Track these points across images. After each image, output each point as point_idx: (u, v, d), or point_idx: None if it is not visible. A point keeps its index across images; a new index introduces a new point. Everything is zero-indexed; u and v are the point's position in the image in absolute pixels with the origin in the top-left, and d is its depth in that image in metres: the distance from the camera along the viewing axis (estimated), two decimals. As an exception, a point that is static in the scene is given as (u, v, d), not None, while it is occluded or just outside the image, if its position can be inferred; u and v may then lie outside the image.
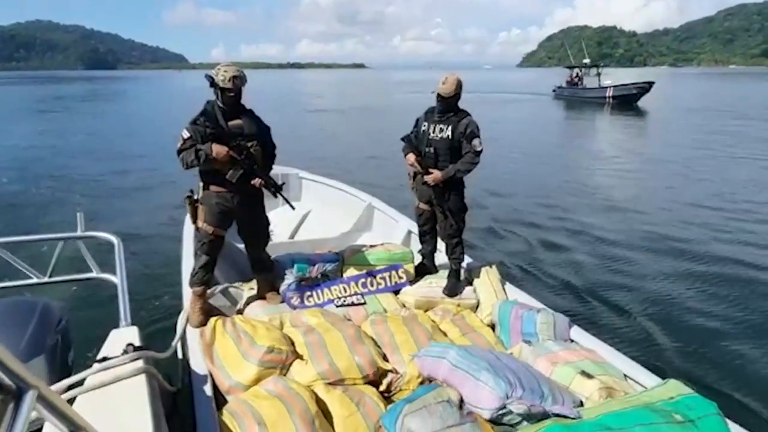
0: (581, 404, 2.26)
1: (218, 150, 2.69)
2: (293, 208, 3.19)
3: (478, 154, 3.14)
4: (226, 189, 2.83)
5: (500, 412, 2.12)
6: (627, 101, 29.42)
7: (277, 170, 4.91)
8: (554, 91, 38.83)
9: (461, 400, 2.21)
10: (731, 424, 2.01)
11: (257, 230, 3.09)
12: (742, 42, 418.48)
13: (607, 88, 30.88)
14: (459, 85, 3.16)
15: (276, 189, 2.94)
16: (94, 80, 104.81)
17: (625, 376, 2.53)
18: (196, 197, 2.90)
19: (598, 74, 34.22)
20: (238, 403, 2.21)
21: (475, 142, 3.12)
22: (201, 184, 2.89)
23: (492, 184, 9.30)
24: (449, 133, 3.15)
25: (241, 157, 2.76)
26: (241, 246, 3.27)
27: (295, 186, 5.44)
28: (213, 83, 2.75)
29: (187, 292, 3.01)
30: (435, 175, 3.17)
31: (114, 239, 2.93)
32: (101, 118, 25.53)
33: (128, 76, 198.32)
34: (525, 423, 2.12)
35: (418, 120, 3.34)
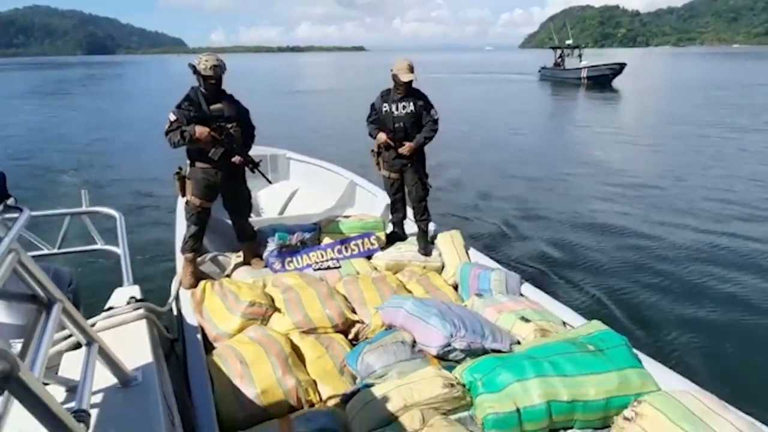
0: (518, 343, 2.61)
1: (201, 131, 3.01)
2: (270, 182, 3.51)
3: (436, 121, 3.59)
4: (210, 165, 3.16)
5: (445, 349, 2.48)
6: (600, 82, 30.73)
7: (266, 151, 5.22)
8: (539, 71, 39.52)
9: (414, 341, 2.58)
10: (640, 354, 2.36)
11: (240, 201, 3.44)
12: (746, 21, 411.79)
13: (582, 69, 32.07)
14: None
15: (254, 165, 3.29)
16: (93, 65, 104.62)
17: (564, 323, 2.88)
18: (184, 173, 3.22)
19: (580, 55, 35.32)
20: (223, 348, 2.57)
21: (432, 111, 3.59)
22: (188, 161, 3.23)
23: (458, 154, 10.03)
24: (412, 107, 3.55)
25: (222, 137, 3.09)
26: (229, 221, 3.61)
27: (284, 166, 5.70)
28: (196, 71, 3.07)
29: (180, 259, 3.34)
30: (409, 145, 3.57)
31: (116, 213, 3.19)
32: (102, 99, 26.08)
33: (127, 60, 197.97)
34: (468, 359, 2.48)
35: (373, 105, 3.69)
